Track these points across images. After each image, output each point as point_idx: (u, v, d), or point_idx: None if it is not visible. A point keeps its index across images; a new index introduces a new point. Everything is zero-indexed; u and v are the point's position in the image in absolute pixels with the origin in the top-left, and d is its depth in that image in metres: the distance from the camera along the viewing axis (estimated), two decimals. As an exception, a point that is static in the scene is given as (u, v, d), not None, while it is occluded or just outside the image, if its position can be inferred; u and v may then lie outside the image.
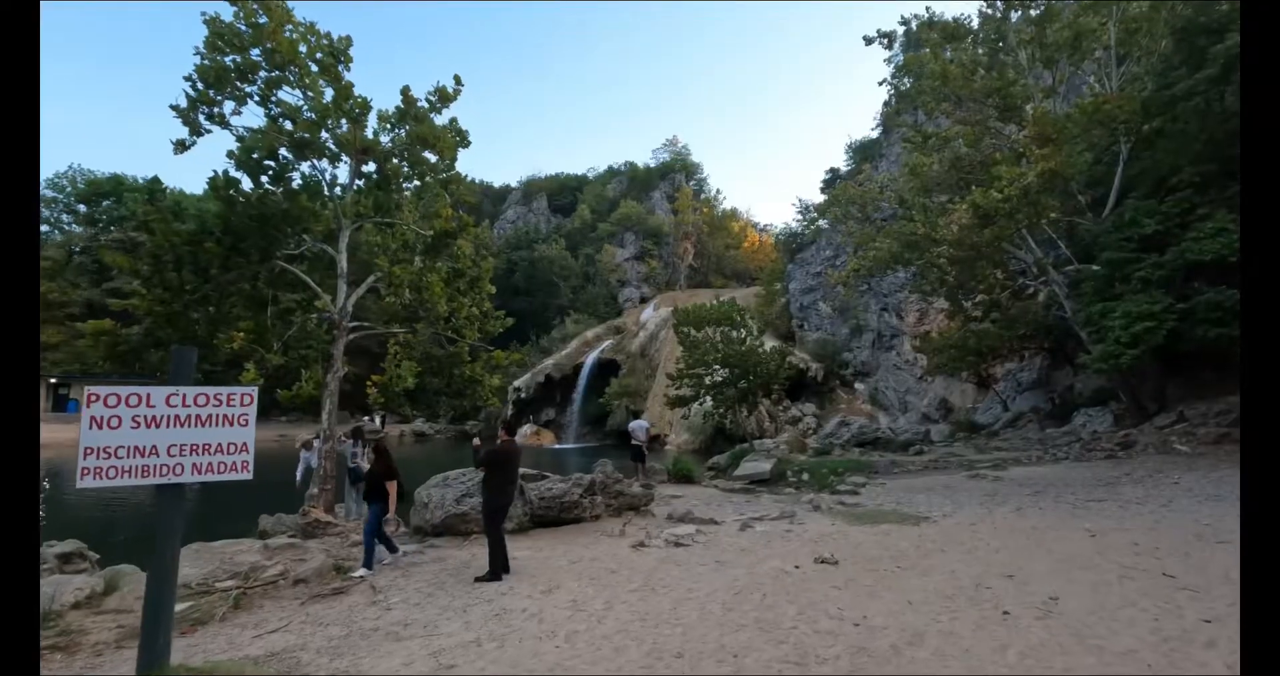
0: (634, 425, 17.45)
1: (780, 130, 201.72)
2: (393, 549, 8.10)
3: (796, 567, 6.90)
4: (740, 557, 7.61)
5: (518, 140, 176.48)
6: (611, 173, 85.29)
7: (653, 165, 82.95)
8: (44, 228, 54.38)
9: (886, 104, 39.88)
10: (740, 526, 9.78)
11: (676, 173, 79.92)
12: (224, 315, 11.14)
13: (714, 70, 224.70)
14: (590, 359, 49.25)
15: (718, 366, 25.35)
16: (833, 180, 44.65)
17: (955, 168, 19.51)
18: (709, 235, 72.41)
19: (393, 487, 7.80)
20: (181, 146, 10.62)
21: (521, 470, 13.31)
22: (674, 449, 36.06)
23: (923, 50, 21.63)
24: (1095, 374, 17.39)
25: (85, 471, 3.74)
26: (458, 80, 11.66)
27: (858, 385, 37.76)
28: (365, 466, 11.17)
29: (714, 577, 6.62)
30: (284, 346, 11.85)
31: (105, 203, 52.44)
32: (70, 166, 55.67)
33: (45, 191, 53.76)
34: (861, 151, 47.01)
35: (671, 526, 9.83)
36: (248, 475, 4.08)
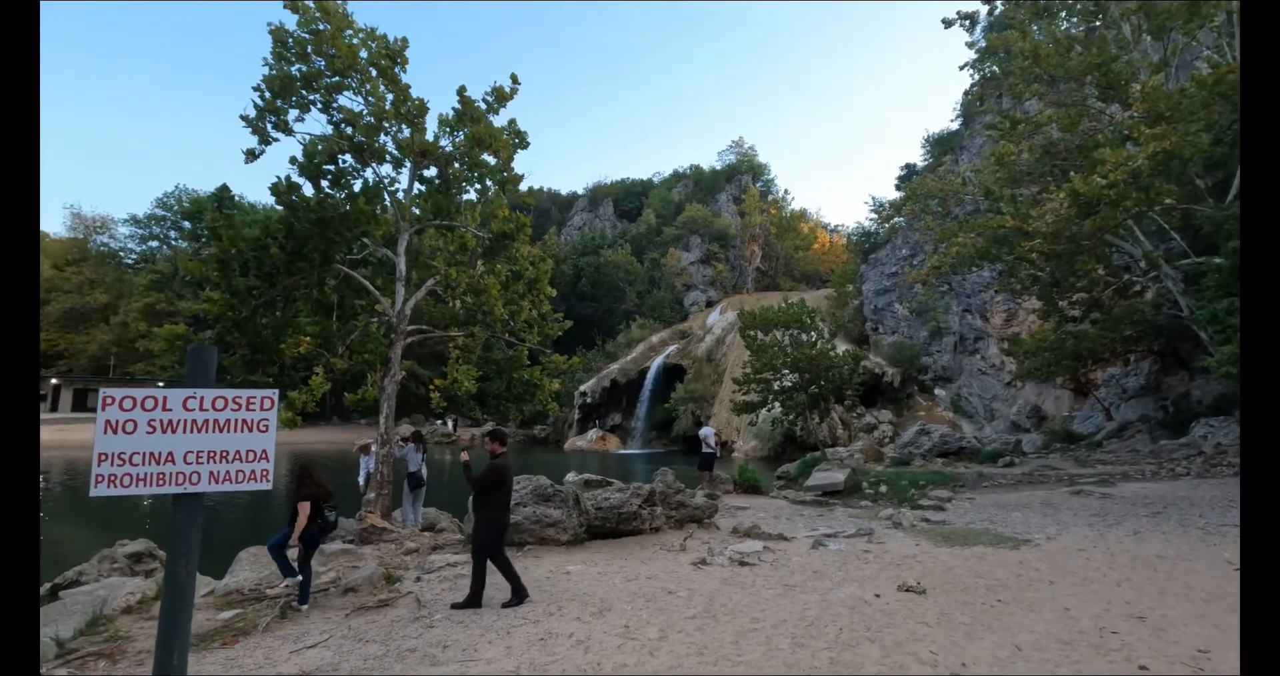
0: (704, 432, 16.86)
1: (851, 127, 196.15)
2: (288, 572, 6.85)
3: (877, 596, 6.12)
4: (812, 581, 6.88)
5: (585, 148, 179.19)
6: (676, 176, 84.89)
7: (718, 167, 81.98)
8: (154, 243, 59.15)
9: (967, 93, 37.60)
10: (812, 544, 9.00)
11: (743, 174, 78.64)
12: (290, 319, 11.33)
13: (781, 69, 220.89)
14: (655, 364, 48.83)
15: (787, 371, 24.33)
16: (908, 175, 42.52)
17: (1048, 154, 17.88)
18: (777, 237, 70.71)
19: (303, 511, 6.53)
20: (251, 155, 10.90)
21: (585, 476, 13.06)
22: (740, 456, 35.09)
23: (1008, 30, 20.02)
24: (1220, 379, 15.41)
25: (100, 479, 3.51)
26: (514, 79, 11.50)
27: (938, 391, 35.64)
28: (425, 472, 11.09)
29: (782, 605, 5.94)
30: (349, 350, 11.95)
31: (206, 216, 56.39)
32: (176, 186, 60.36)
33: (155, 210, 58.42)
34: (940, 144, 44.63)
35: (736, 542, 9.17)
36: (267, 485, 3.78)
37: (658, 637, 5.13)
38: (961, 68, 24.55)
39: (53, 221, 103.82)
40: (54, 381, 50.05)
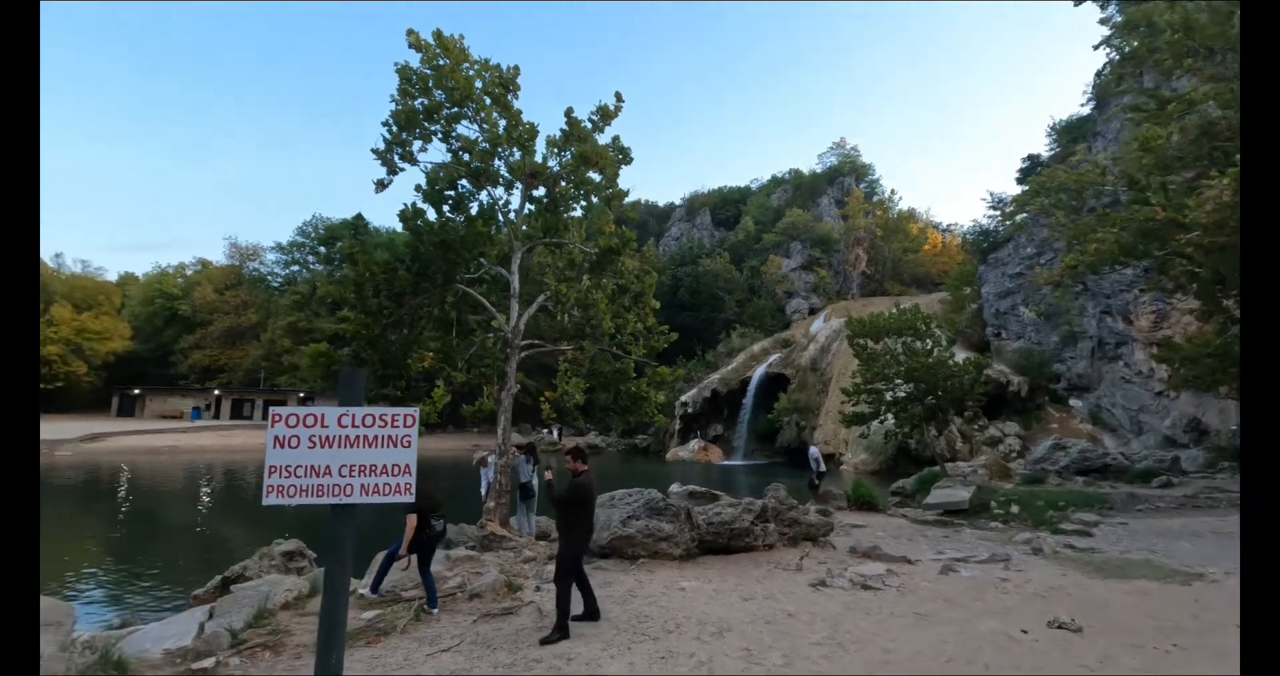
0: (813, 451, 16.40)
1: (964, 120, 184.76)
2: (377, 585, 7.22)
3: (1024, 632, 5.59)
4: (946, 611, 6.40)
5: (680, 158, 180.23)
6: (775, 182, 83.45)
7: (819, 170, 79.76)
8: (295, 267, 65.53)
9: (1099, 74, 34.27)
10: (941, 569, 8.41)
11: (845, 176, 76.01)
12: (416, 336, 12.14)
13: (884, 64, 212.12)
14: (757, 373, 47.96)
15: (900, 381, 23.04)
16: (1032, 168, 39.28)
17: (1205, 135, 15.85)
18: (883, 239, 67.59)
19: (410, 523, 6.71)
20: (381, 185, 11.84)
21: (689, 488, 12.97)
22: (850, 469, 33.65)
23: (1149, 1, 18.03)
24: None
25: (270, 489, 3.87)
26: (619, 97, 11.78)
27: (1073, 401, 32.50)
28: (536, 482, 11.45)
29: (915, 636, 5.56)
30: (467, 364, 12.61)
31: (338, 244, 61.86)
32: (313, 215, 66.69)
33: (296, 238, 64.82)
34: (1068, 132, 40.93)
35: (856, 563, 8.74)
36: (409, 498, 4.00)
37: (782, 664, 4.95)
38: (1096, 47, 22.40)
39: (215, 251, 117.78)
40: (216, 392, 56.58)
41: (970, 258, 47.48)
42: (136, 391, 56.07)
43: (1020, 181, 40.19)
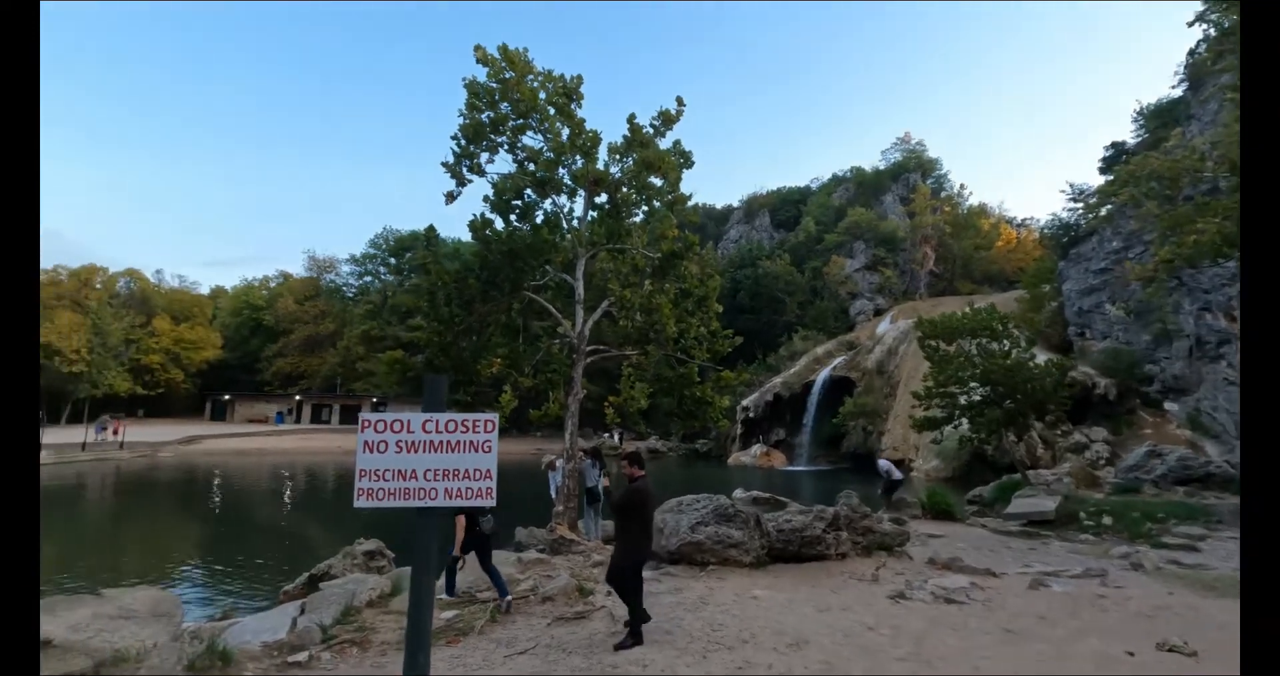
0: (883, 464, 15.92)
1: (1037, 108, 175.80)
2: (449, 589, 7.43)
3: (1130, 655, 5.21)
4: (1040, 629, 6.04)
5: (738, 160, 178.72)
6: (836, 180, 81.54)
7: (882, 167, 77.39)
8: (367, 279, 68.51)
9: (1193, 53, 31.87)
10: (1030, 583, 7.96)
11: (910, 172, 73.47)
12: (485, 343, 12.47)
13: (948, 52, 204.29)
14: (821, 376, 46.87)
15: (975, 384, 21.99)
16: (1117, 156, 36.88)
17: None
18: (952, 236, 64.87)
19: (459, 525, 6.84)
20: (451, 197, 12.24)
21: (753, 493, 12.77)
22: (921, 476, 32.36)
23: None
24: None
25: (360, 492, 4.02)
26: (680, 102, 11.80)
27: (1169, 405, 30.19)
28: (603, 486, 11.52)
29: (1007, 655, 5.26)
30: (534, 370, 12.86)
31: (408, 255, 64.41)
32: (384, 228, 69.70)
33: (368, 249, 67.82)
34: (1157, 117, 38.20)
35: (936, 575, 8.37)
36: (491, 502, 4.07)
37: (866, 679, 4.78)
38: (1191, 23, 20.84)
39: (295, 264, 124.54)
40: (297, 398, 59.81)
41: (1049, 253, 44.96)
42: (227, 397, 59.94)
43: (1104, 171, 37.79)
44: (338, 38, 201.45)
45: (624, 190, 12.41)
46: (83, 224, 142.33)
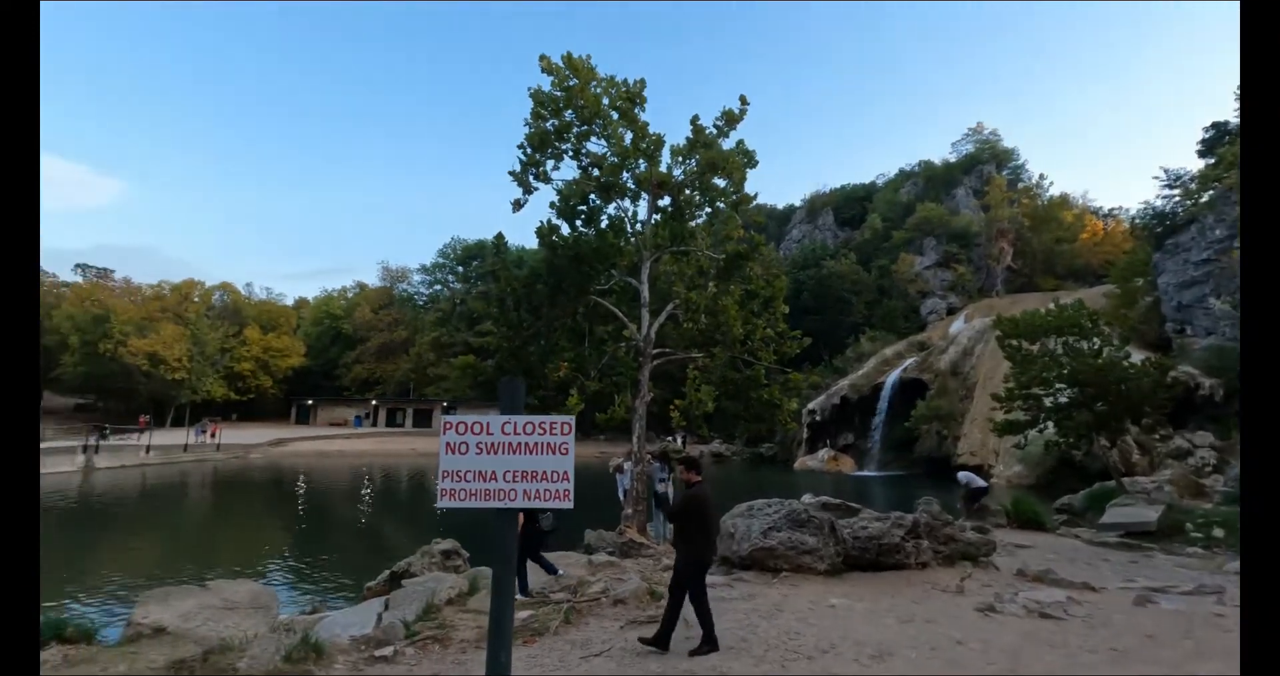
0: (963, 476, 15.29)
1: (1123, 88, 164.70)
2: (550, 570, 8.12)
3: (1261, 682, 4.72)
4: (1149, 649, 5.58)
5: (799, 158, 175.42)
6: (904, 175, 78.79)
7: (953, 160, 74.28)
8: (436, 287, 71.03)
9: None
10: (1135, 599, 7.37)
11: (984, 164, 70.18)
12: (552, 347, 12.67)
13: (1018, 35, 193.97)
14: (891, 378, 45.30)
15: (1062, 385, 20.69)
16: (1218, 137, 34.05)
17: None
18: (1032, 230, 61.46)
19: (519, 516, 6.71)
20: (518, 205, 12.52)
21: (823, 499, 12.41)
22: (1002, 482, 30.72)
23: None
24: None
25: (443, 493, 4.11)
26: (743, 101, 11.67)
27: (1287, 407, 27.49)
28: (671, 491, 11.47)
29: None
30: (599, 373, 12.96)
31: (474, 263, 66.47)
32: (452, 238, 72.19)
33: (438, 259, 70.37)
34: (1266, 93, 34.96)
35: (1028, 588, 7.89)
36: (569, 504, 4.08)
37: (959, 696, 4.52)
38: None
39: (370, 274, 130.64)
40: (373, 402, 62.62)
41: (1141, 245, 41.95)
42: (310, 402, 63.37)
43: (1204, 154, 34.98)
44: (400, 50, 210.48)
45: (687, 192, 12.37)
46: (181, 241, 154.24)
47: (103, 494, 23.72)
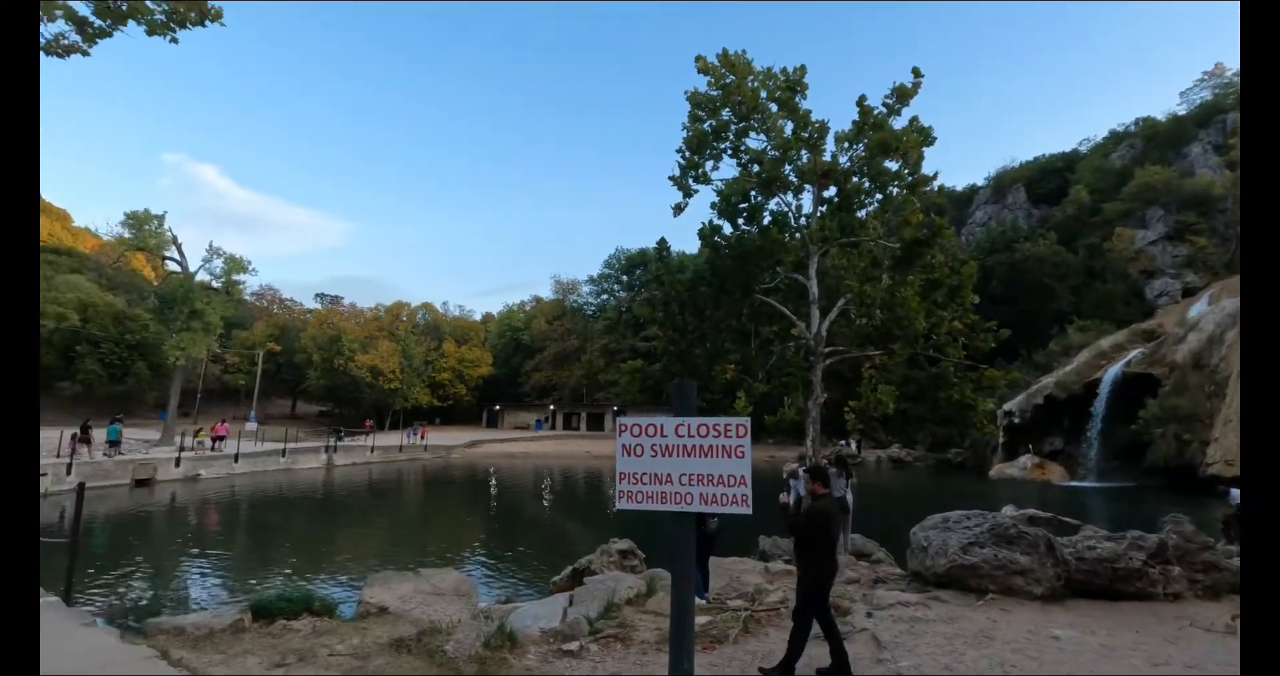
0: (1235, 494, 12.99)
1: None
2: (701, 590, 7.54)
3: None
4: None
5: (978, 133, 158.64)
6: (1115, 138, 67.99)
7: (1182, 112, 62.54)
8: (604, 296, 74.46)
9: None
10: None
11: (1227, 113, 58.19)
12: (718, 349, 12.53)
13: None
14: (1110, 374, 39.02)
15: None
16: None
17: None
18: (1300, 187, 49.58)
19: None
20: (678, 210, 12.58)
21: (1028, 512, 10.92)
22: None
23: None
24: None
25: (621, 495, 4.15)
26: (916, 73, 10.62)
27: None
28: (851, 498, 10.73)
29: None
30: (767, 375, 12.58)
31: (637, 271, 68.73)
32: (616, 249, 75.21)
33: (603, 269, 73.78)
34: None
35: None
36: (747, 510, 3.90)
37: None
38: None
39: (544, 288, 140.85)
40: (551, 407, 67.28)
41: None
42: (497, 407, 69.76)
43: None
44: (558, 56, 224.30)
45: (855, 179, 11.58)
46: (392, 269, 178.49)
47: (340, 487, 27.88)
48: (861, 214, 12.41)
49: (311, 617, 6.57)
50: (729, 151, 11.58)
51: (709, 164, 11.70)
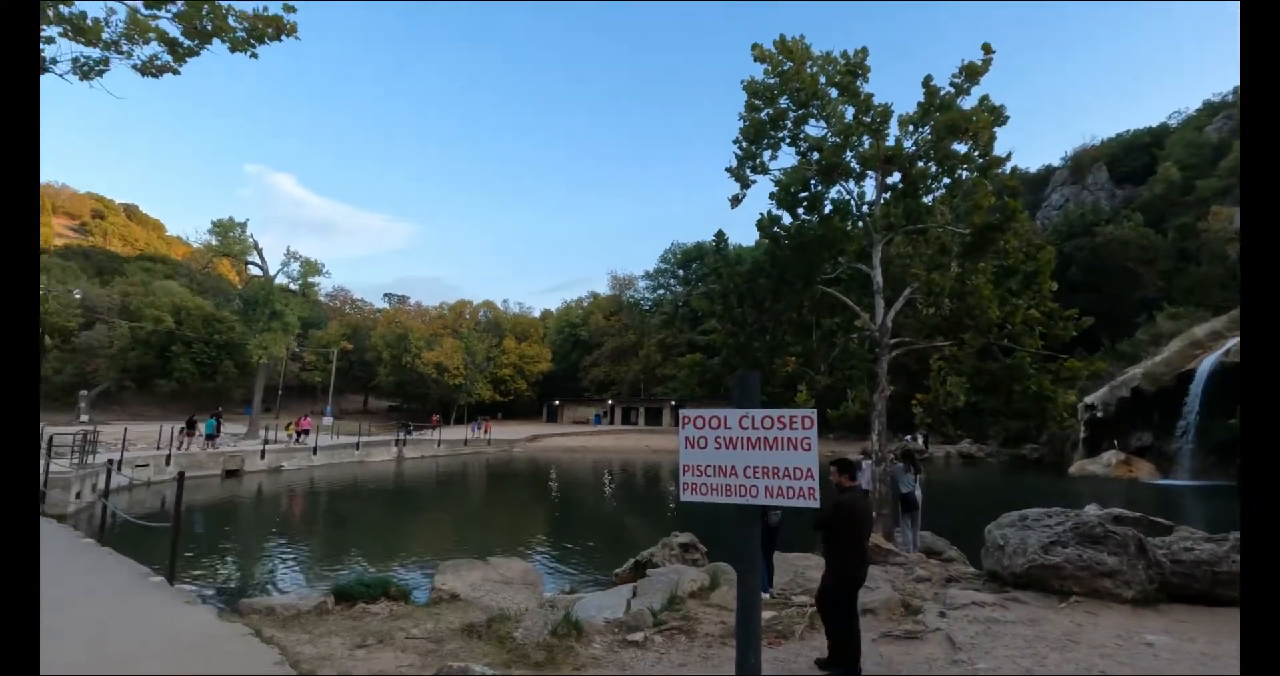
0: None
1: None
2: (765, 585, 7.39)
3: None
4: None
5: (1052, 112, 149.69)
6: (1209, 108, 62.90)
7: (1287, 79, 57.03)
8: (660, 291, 74.47)
9: None
10: None
11: (1340, 77, 52.78)
12: (778, 342, 12.32)
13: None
14: (1206, 364, 36.25)
15: None
16: None
17: None
18: None
19: None
20: (735, 201, 12.42)
21: (1113, 511, 10.28)
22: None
23: None
24: None
25: (686, 487, 4.15)
26: (986, 49, 10.08)
27: None
28: (919, 494, 10.39)
29: None
30: (829, 367, 12.29)
31: (693, 265, 68.38)
32: (672, 243, 75.04)
33: (659, 264, 73.77)
34: None
35: None
36: (814, 503, 3.83)
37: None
38: None
39: (601, 284, 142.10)
40: (609, 402, 67.88)
41: None
42: (557, 402, 70.99)
43: None
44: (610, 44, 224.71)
45: (920, 164, 11.12)
46: (454, 269, 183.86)
47: (410, 478, 29.03)
48: (928, 199, 11.92)
49: (388, 602, 6.87)
50: (787, 140, 11.33)
51: (767, 153, 11.49)
